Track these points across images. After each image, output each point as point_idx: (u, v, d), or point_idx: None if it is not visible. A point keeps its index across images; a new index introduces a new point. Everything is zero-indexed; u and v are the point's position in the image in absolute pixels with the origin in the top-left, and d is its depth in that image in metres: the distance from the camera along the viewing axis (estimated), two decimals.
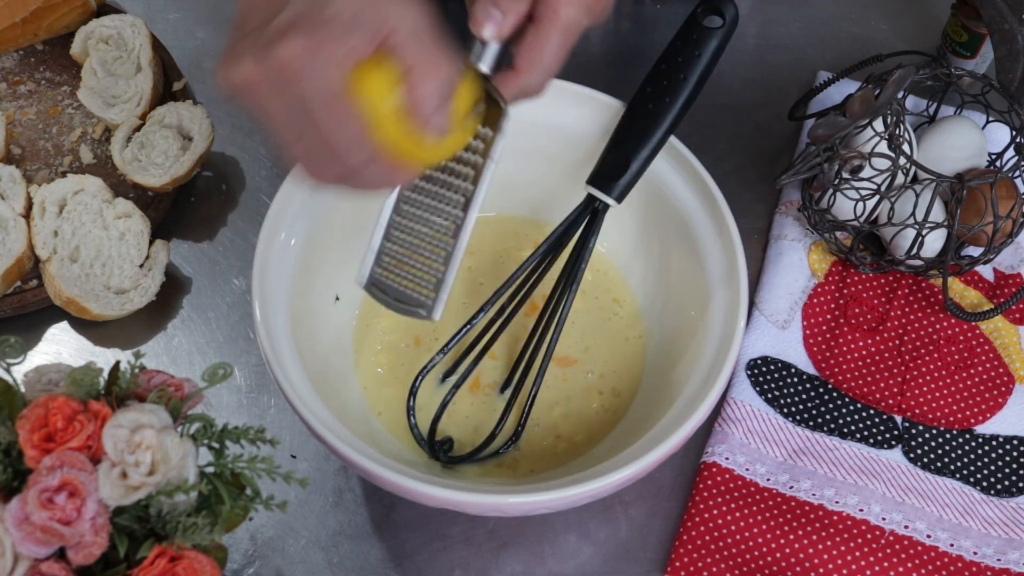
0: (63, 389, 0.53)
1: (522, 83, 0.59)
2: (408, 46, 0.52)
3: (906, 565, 0.69)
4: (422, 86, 0.52)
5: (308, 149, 0.52)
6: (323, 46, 0.50)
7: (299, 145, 0.52)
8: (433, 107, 0.53)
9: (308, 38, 0.49)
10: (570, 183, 0.73)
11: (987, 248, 0.77)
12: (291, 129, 0.52)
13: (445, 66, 0.53)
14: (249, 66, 0.50)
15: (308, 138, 0.52)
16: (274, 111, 0.51)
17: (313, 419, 0.60)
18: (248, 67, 0.50)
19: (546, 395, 0.71)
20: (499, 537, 0.70)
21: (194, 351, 0.77)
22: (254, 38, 0.51)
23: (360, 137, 0.52)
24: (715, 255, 0.69)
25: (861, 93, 0.78)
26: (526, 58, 0.58)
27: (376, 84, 0.52)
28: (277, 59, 0.49)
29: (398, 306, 0.63)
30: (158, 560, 0.50)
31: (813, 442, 0.73)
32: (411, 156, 0.55)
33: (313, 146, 0.52)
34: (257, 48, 0.50)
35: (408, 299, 0.62)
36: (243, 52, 0.51)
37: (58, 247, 0.76)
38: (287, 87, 0.50)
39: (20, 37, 0.86)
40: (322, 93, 0.50)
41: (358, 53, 0.51)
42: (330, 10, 0.51)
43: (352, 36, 0.50)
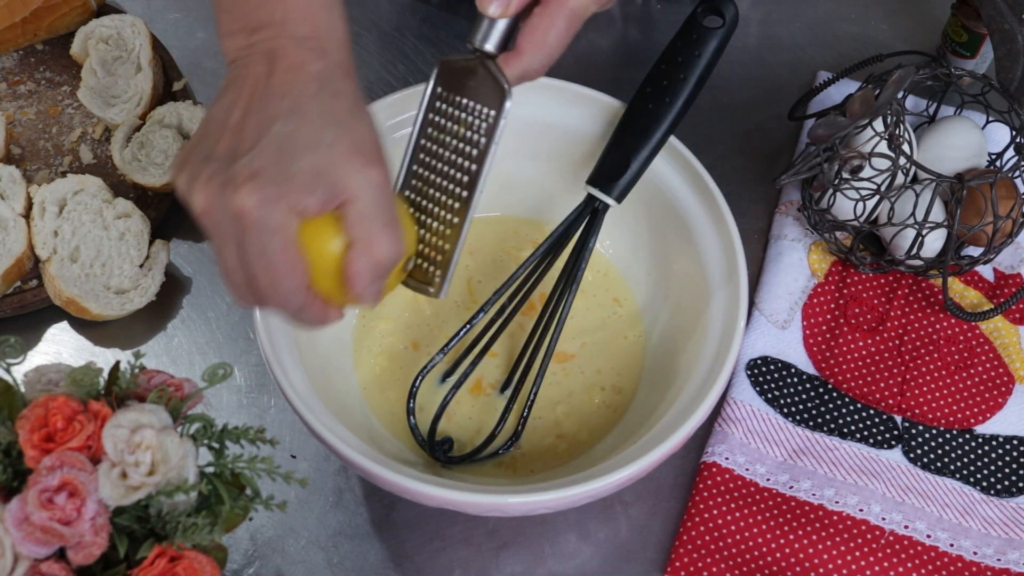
0: (63, 389, 0.53)
1: (524, 64, 0.59)
2: (359, 220, 0.53)
3: (906, 565, 0.69)
4: (359, 263, 0.54)
5: (244, 282, 0.54)
6: (280, 200, 0.51)
7: (236, 276, 0.54)
8: (366, 284, 0.55)
9: (267, 190, 0.51)
10: (570, 183, 0.73)
11: (987, 248, 0.77)
12: (232, 261, 0.53)
13: (387, 248, 0.54)
14: (205, 199, 0.52)
15: (246, 274, 0.53)
16: (221, 242, 0.53)
17: (313, 419, 0.60)
18: (204, 199, 0.52)
19: (548, 393, 0.71)
20: (499, 537, 0.70)
21: (194, 351, 0.77)
22: (216, 170, 0.52)
23: (298, 287, 0.53)
24: (715, 255, 0.69)
25: (861, 93, 0.78)
26: (530, 40, 0.58)
27: (319, 243, 0.54)
28: (235, 204, 0.51)
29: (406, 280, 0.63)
30: (158, 560, 0.50)
31: (813, 442, 0.73)
32: (342, 304, 0.57)
33: (249, 282, 0.53)
34: (217, 184, 0.52)
35: (415, 275, 0.63)
36: (202, 181, 0.52)
37: (58, 247, 0.76)
38: (239, 230, 0.52)
39: (20, 37, 0.86)
40: (270, 244, 0.52)
41: (311, 212, 0.52)
42: (295, 166, 0.52)
43: (309, 196, 0.52)
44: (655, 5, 0.95)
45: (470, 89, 0.60)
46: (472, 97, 0.60)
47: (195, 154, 0.54)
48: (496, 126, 0.59)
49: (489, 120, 0.60)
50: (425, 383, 0.70)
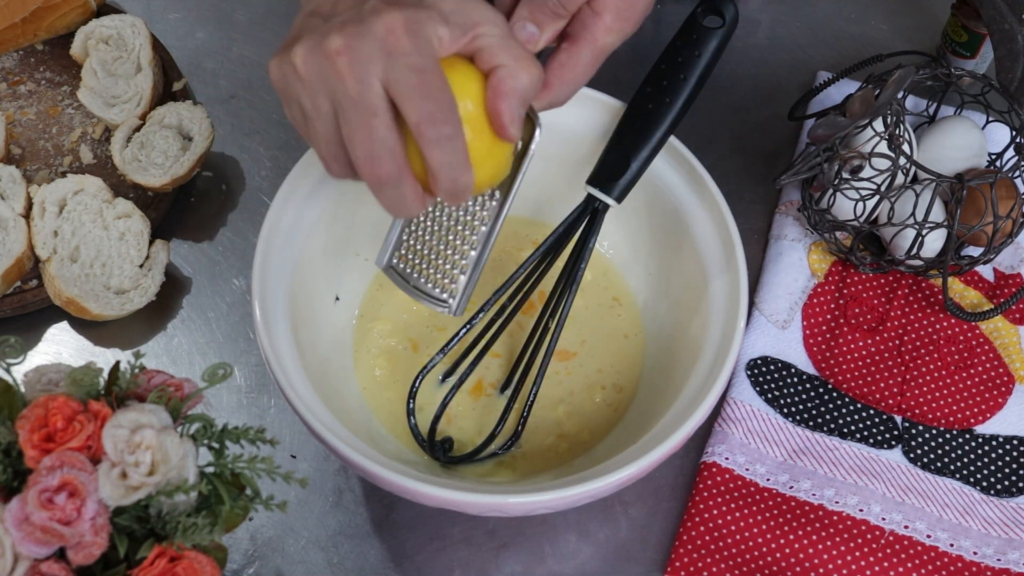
0: (63, 389, 0.53)
1: (552, 96, 0.61)
2: (498, 47, 0.53)
3: (906, 565, 0.69)
4: (510, 82, 0.53)
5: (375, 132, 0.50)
6: (423, 26, 0.50)
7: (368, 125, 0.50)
8: (515, 107, 0.53)
9: (412, 12, 0.50)
10: (570, 183, 0.73)
11: (987, 248, 0.77)
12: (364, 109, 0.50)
13: (535, 67, 0.54)
14: (341, 39, 0.50)
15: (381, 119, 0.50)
16: (353, 85, 0.50)
17: (313, 419, 0.60)
18: (340, 40, 0.50)
19: (549, 392, 0.71)
20: (499, 537, 0.70)
21: (194, 351, 0.77)
22: (344, 18, 0.51)
23: (450, 108, 0.51)
24: (715, 255, 0.69)
25: (861, 93, 0.78)
26: (557, 75, 0.60)
27: (456, 84, 0.52)
28: (378, 28, 0.49)
29: (417, 294, 0.64)
30: (158, 560, 0.50)
31: (813, 442, 0.74)
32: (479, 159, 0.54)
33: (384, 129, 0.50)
34: (352, 23, 0.50)
35: (429, 291, 0.64)
36: (331, 30, 0.50)
37: (58, 247, 0.76)
38: (383, 55, 0.49)
39: (20, 37, 0.86)
40: (423, 59, 0.50)
41: (450, 45, 0.51)
42: (426, 2, 0.51)
43: (447, 28, 0.51)
44: (658, 5, 0.95)
45: None
46: None
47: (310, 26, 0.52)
48: (526, 155, 0.60)
49: (518, 148, 0.61)
50: (425, 383, 0.70)
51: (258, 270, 0.64)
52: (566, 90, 0.61)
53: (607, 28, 0.60)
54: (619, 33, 0.60)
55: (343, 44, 0.49)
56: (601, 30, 0.60)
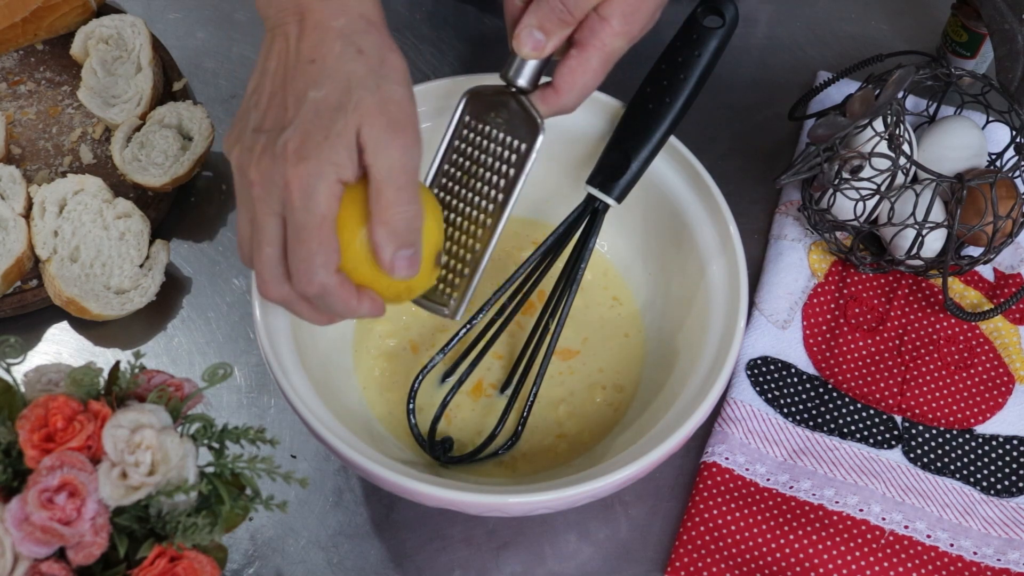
0: (63, 389, 0.53)
1: (562, 102, 0.62)
2: (374, 187, 0.54)
3: (906, 565, 0.69)
4: (376, 232, 0.55)
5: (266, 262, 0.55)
6: (321, 178, 0.53)
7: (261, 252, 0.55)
8: (388, 255, 0.55)
9: (310, 167, 0.53)
10: (570, 183, 0.73)
11: (987, 248, 0.77)
12: (262, 236, 0.55)
13: (399, 214, 0.55)
14: (255, 173, 0.54)
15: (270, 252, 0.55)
16: (259, 215, 0.54)
17: (313, 419, 0.60)
18: (255, 173, 0.54)
19: (549, 392, 0.71)
20: (499, 537, 0.70)
21: (194, 351, 0.77)
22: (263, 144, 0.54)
23: (322, 267, 0.54)
24: (715, 255, 0.69)
25: (861, 93, 0.78)
26: (567, 80, 0.61)
27: (350, 220, 0.55)
28: (280, 177, 0.53)
29: (418, 299, 0.64)
30: (158, 560, 0.50)
31: (813, 442, 0.73)
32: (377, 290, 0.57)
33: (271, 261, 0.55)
34: (266, 158, 0.54)
35: (429, 295, 0.64)
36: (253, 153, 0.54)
37: (58, 247, 0.76)
38: (280, 202, 0.53)
39: (20, 37, 0.86)
40: (305, 219, 0.53)
41: (350, 177, 0.54)
42: (333, 130, 0.53)
43: (346, 162, 0.53)
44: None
45: (500, 121, 0.63)
46: (502, 129, 0.62)
47: (245, 127, 0.56)
48: (527, 159, 0.61)
49: (520, 152, 0.61)
50: (425, 384, 0.70)
51: None
52: (575, 96, 0.61)
53: (614, 33, 0.60)
54: (626, 37, 0.61)
55: (255, 178, 0.54)
56: (608, 35, 0.60)
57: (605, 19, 0.60)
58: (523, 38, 0.60)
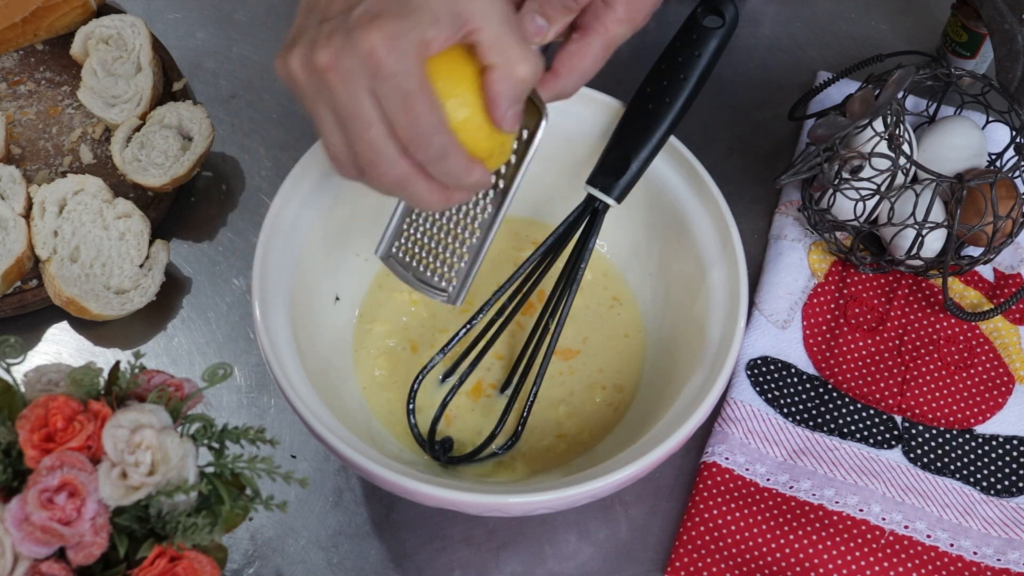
0: (63, 389, 0.53)
1: (561, 87, 0.61)
2: (492, 43, 0.52)
3: (906, 565, 0.69)
4: (503, 82, 0.53)
5: (374, 143, 0.51)
6: (408, 34, 0.50)
7: (372, 131, 0.51)
8: (508, 105, 0.54)
9: (394, 25, 0.49)
10: (570, 183, 0.73)
11: (987, 248, 0.77)
12: (367, 113, 0.50)
13: (528, 63, 0.53)
14: (330, 53, 0.50)
15: (376, 130, 0.51)
16: (348, 101, 0.50)
17: (313, 419, 0.60)
18: (329, 54, 0.50)
19: (549, 392, 0.71)
20: (499, 537, 0.70)
21: (194, 351, 0.77)
22: (334, 26, 0.50)
23: (439, 124, 0.51)
24: (715, 255, 0.69)
25: (861, 93, 0.78)
26: (567, 64, 0.60)
27: (455, 77, 0.53)
28: (363, 46, 0.49)
29: (417, 284, 0.64)
30: (158, 560, 0.50)
31: (813, 442, 0.73)
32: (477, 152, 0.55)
33: (381, 140, 0.51)
34: (340, 36, 0.50)
35: (428, 279, 0.64)
36: (323, 39, 0.50)
37: (58, 247, 0.76)
38: (371, 73, 0.49)
39: (20, 37, 0.86)
40: (406, 80, 0.50)
41: (441, 44, 0.51)
42: (415, 1, 0.51)
43: (436, 27, 0.50)
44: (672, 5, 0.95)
45: None
46: None
47: (304, 28, 0.52)
48: (531, 145, 0.60)
49: (522, 139, 0.60)
50: (425, 384, 0.70)
51: (258, 270, 0.64)
52: (575, 80, 0.61)
53: (618, 19, 0.60)
54: (630, 24, 0.60)
55: (329, 60, 0.50)
56: (612, 21, 0.60)
57: (610, 5, 0.59)
58: (525, 24, 0.59)
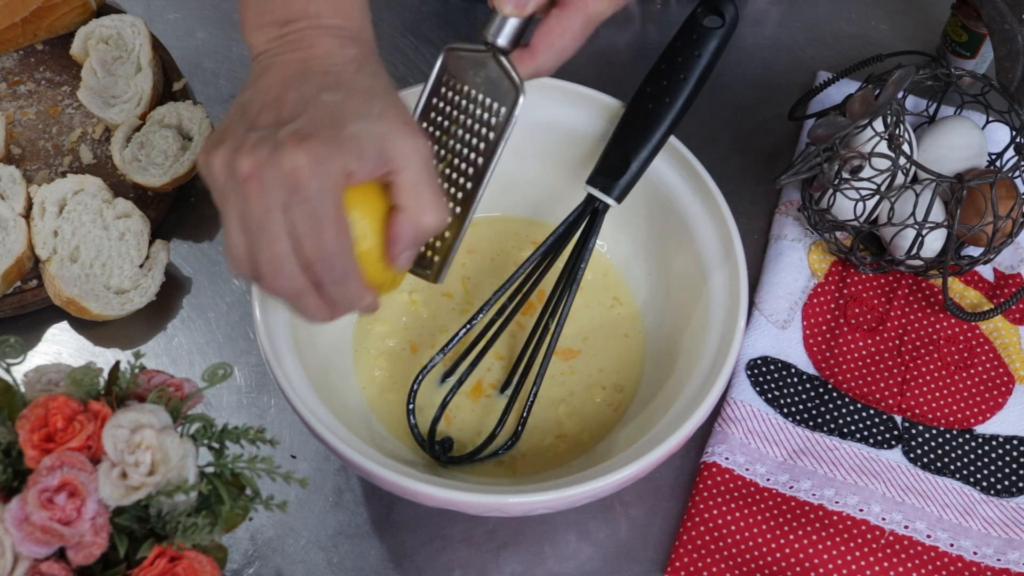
0: (63, 389, 0.53)
1: (538, 64, 0.60)
2: (409, 187, 0.54)
3: (906, 565, 0.69)
4: (407, 225, 0.54)
5: (278, 256, 0.52)
6: (333, 161, 0.51)
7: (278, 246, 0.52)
8: (407, 245, 0.55)
9: (322, 151, 0.51)
10: (570, 183, 0.73)
11: (987, 248, 0.77)
12: (277, 229, 0.52)
13: (435, 214, 0.55)
14: (253, 162, 0.51)
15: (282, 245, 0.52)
16: (260, 211, 0.52)
17: (313, 419, 0.60)
18: (251, 163, 0.51)
19: (549, 392, 0.71)
20: (499, 537, 0.70)
21: (194, 351, 0.77)
22: (262, 136, 0.52)
23: (346, 249, 0.53)
24: (714, 255, 0.69)
25: (861, 93, 0.78)
26: (546, 41, 0.60)
27: (366, 208, 0.54)
28: (284, 164, 0.50)
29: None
30: (158, 560, 0.50)
31: (813, 442, 0.73)
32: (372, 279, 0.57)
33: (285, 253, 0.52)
34: (266, 148, 0.51)
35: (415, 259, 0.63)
36: (248, 147, 0.52)
37: (58, 247, 0.76)
38: (289, 191, 0.51)
39: (20, 37, 0.86)
40: (323, 203, 0.51)
41: (361, 177, 0.52)
42: (346, 131, 0.52)
43: (360, 160, 0.52)
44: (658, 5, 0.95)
45: (479, 82, 0.61)
46: (481, 90, 0.61)
47: (232, 130, 0.53)
48: (508, 123, 0.60)
49: (500, 116, 0.60)
50: (425, 384, 0.70)
51: None
52: (553, 57, 0.60)
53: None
54: (611, 2, 0.59)
55: (251, 169, 0.51)
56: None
57: None
58: None
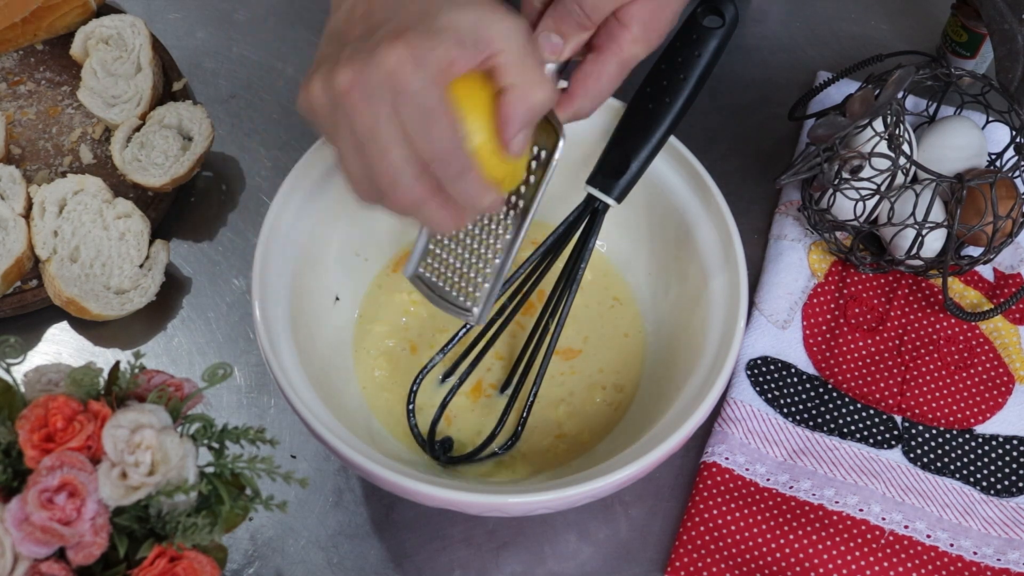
0: (63, 389, 0.53)
1: (576, 107, 0.60)
2: (512, 66, 0.52)
3: (906, 565, 0.69)
4: (516, 106, 0.53)
5: (393, 165, 0.51)
6: (434, 52, 0.50)
7: (393, 152, 0.51)
8: (518, 128, 0.54)
9: (416, 46, 0.49)
10: (570, 183, 0.73)
11: (987, 248, 0.77)
12: (388, 133, 0.50)
13: (544, 90, 0.53)
14: (352, 73, 0.50)
15: (396, 152, 0.51)
16: (368, 121, 0.50)
17: (313, 419, 0.60)
18: (350, 74, 0.50)
19: (549, 392, 0.71)
20: (499, 537, 0.70)
21: (194, 351, 0.77)
22: (356, 48, 0.51)
23: (457, 147, 0.51)
24: (715, 255, 0.69)
25: (861, 93, 0.78)
26: (582, 85, 0.60)
27: (473, 101, 0.53)
28: (384, 64, 0.49)
29: (442, 303, 0.64)
30: (158, 560, 0.50)
31: (813, 442, 0.74)
32: (491, 176, 0.55)
33: (400, 161, 0.51)
34: (362, 56, 0.50)
35: (453, 300, 0.63)
36: (344, 60, 0.50)
37: (58, 247, 0.76)
38: (394, 92, 0.49)
39: (20, 37, 0.86)
40: (429, 98, 0.50)
41: (464, 66, 0.51)
42: (440, 22, 0.51)
43: (460, 49, 0.50)
44: None
45: None
46: None
47: (326, 56, 0.52)
48: (548, 167, 0.60)
49: (540, 159, 0.60)
50: (425, 384, 0.70)
51: (258, 270, 0.64)
52: (591, 102, 0.61)
53: (634, 39, 0.59)
54: (645, 44, 0.60)
55: (351, 81, 0.50)
56: (628, 41, 0.59)
57: (625, 25, 0.59)
58: (540, 41, 0.58)
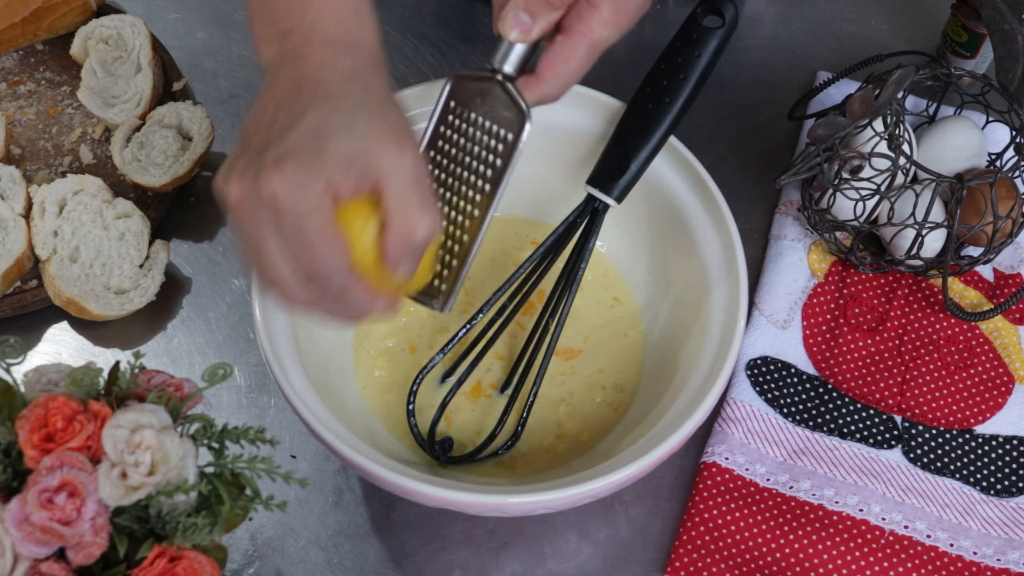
0: (63, 389, 0.53)
1: (544, 90, 0.60)
2: (395, 199, 0.53)
3: (906, 565, 0.69)
4: (397, 239, 0.54)
5: (289, 272, 0.53)
6: (313, 183, 0.51)
7: (280, 268, 0.53)
8: (402, 257, 0.55)
9: (299, 173, 0.51)
10: (570, 183, 0.73)
11: (987, 248, 0.77)
12: (273, 252, 0.52)
13: (424, 226, 0.54)
14: (239, 189, 0.52)
15: (281, 264, 0.53)
16: (258, 234, 0.52)
17: (313, 419, 0.60)
18: (238, 190, 0.52)
19: (549, 392, 0.71)
20: (499, 537, 0.70)
21: (194, 351, 0.77)
22: (248, 162, 0.52)
23: (340, 265, 0.53)
24: (715, 255, 0.69)
25: (861, 93, 0.78)
26: (551, 67, 0.59)
27: (355, 225, 0.54)
28: (264, 189, 0.51)
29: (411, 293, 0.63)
30: (158, 560, 0.50)
31: (813, 442, 0.74)
32: (382, 287, 0.56)
33: (286, 271, 0.53)
34: (250, 174, 0.52)
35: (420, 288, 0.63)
36: (236, 174, 0.52)
37: (58, 247, 0.76)
38: (275, 215, 0.51)
39: (20, 37, 0.86)
40: (308, 225, 0.51)
41: (348, 193, 0.52)
42: (328, 148, 0.52)
43: (343, 177, 0.52)
44: (656, 6, 0.95)
45: (486, 108, 0.61)
46: (488, 117, 0.61)
47: (235, 152, 0.55)
48: (515, 149, 0.60)
49: (507, 142, 0.60)
50: (425, 384, 0.70)
51: None
52: (559, 84, 0.60)
53: (603, 21, 0.58)
54: (616, 27, 0.59)
55: (239, 194, 0.52)
56: (597, 22, 0.58)
57: (595, 5, 0.58)
58: (509, 20, 0.58)
